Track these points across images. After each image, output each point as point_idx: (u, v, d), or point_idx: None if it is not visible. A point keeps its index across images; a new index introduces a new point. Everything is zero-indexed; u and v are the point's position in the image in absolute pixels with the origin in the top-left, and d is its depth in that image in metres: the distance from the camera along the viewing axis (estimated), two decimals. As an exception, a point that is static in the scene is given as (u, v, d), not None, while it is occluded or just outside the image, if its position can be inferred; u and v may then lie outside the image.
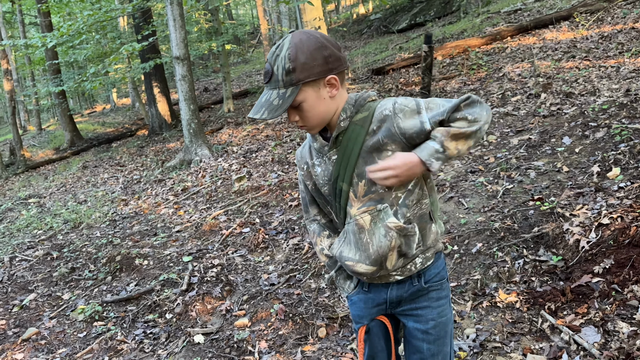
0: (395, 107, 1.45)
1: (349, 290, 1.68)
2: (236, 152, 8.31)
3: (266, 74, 1.45)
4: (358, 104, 1.51)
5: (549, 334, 2.63)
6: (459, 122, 1.42)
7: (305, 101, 1.44)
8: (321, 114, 1.47)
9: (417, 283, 1.60)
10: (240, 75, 21.70)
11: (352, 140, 1.49)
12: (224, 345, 3.20)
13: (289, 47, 1.41)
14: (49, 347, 3.66)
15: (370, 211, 1.51)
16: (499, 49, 8.99)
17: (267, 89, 1.46)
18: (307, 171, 1.64)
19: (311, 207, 1.74)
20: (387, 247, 1.50)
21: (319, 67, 1.42)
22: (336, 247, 1.61)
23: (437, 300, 1.62)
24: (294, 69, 1.40)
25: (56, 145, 16.49)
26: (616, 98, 5.14)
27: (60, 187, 10.08)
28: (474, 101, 1.43)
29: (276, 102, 1.42)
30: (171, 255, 4.75)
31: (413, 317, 1.63)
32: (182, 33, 8.36)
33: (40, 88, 15.61)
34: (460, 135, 1.42)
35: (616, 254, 2.89)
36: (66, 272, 4.88)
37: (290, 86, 1.41)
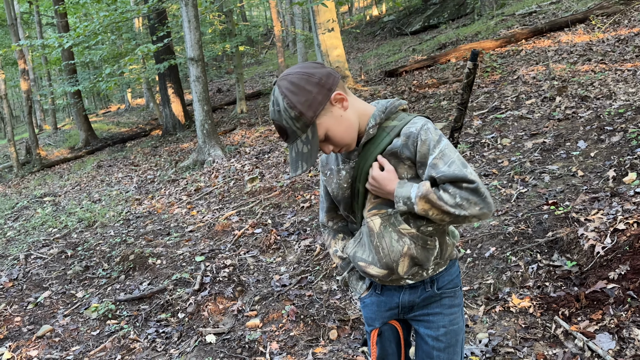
0: (422, 129, 1.43)
1: (361, 291, 1.69)
2: (249, 153, 8.34)
3: (280, 132, 1.45)
4: (389, 111, 1.51)
5: (563, 340, 2.60)
6: (446, 194, 1.38)
7: (328, 130, 1.45)
8: (348, 130, 1.47)
9: (429, 289, 1.59)
10: (254, 76, 21.78)
11: (376, 145, 1.50)
12: (235, 345, 3.22)
13: (283, 98, 1.40)
14: (62, 344, 3.71)
15: (380, 214, 1.51)
16: (513, 51, 8.93)
17: (289, 145, 1.47)
18: (329, 177, 1.64)
19: (328, 212, 1.76)
20: (399, 252, 1.50)
21: (319, 95, 1.41)
22: (350, 248, 1.63)
23: (450, 308, 1.61)
24: (301, 112, 1.39)
25: (71, 144, 16.68)
26: (633, 102, 5.07)
27: (75, 186, 10.19)
28: (475, 190, 1.36)
29: (306, 150, 1.43)
30: (184, 255, 4.78)
31: (424, 323, 1.63)
32: (197, 34, 8.42)
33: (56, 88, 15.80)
34: (436, 206, 1.39)
35: (632, 260, 2.86)
36: (80, 270, 4.93)
37: (308, 128, 1.42)
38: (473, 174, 1.37)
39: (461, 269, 3.40)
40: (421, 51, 12.82)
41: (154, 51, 9.93)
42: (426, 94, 8.16)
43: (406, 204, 1.43)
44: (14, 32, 14.84)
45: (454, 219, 1.40)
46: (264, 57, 27.39)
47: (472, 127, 5.95)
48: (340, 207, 1.68)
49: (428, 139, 1.41)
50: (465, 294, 3.16)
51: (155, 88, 16.84)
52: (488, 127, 5.82)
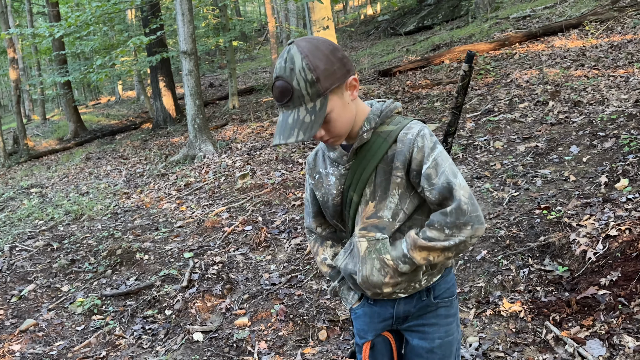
0: (419, 136, 1.38)
1: (352, 301, 1.60)
2: (240, 149, 8.28)
3: (284, 93, 1.30)
4: (384, 115, 1.44)
5: (553, 345, 2.59)
6: (433, 231, 1.35)
7: (333, 111, 1.34)
8: (348, 121, 1.39)
9: (425, 298, 1.52)
10: (247, 72, 21.68)
11: (372, 152, 1.42)
12: (223, 344, 3.18)
13: (302, 57, 1.28)
14: (46, 339, 3.64)
15: (368, 237, 1.45)
16: (507, 54, 8.95)
17: (287, 109, 1.33)
18: (318, 181, 1.56)
19: (315, 218, 1.66)
20: (380, 282, 1.45)
21: (339, 71, 1.33)
22: (341, 259, 1.56)
23: (446, 318, 1.55)
24: (318, 78, 1.28)
25: (60, 135, 16.49)
26: (625, 108, 5.09)
27: (63, 177, 10.07)
28: (461, 211, 1.32)
29: (308, 119, 1.30)
30: (172, 251, 4.72)
31: (419, 334, 1.56)
32: (190, 28, 8.33)
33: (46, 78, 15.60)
34: (430, 249, 1.36)
35: (623, 266, 2.86)
36: (66, 263, 4.85)
37: (318, 98, 1.30)
38: (461, 185, 1.35)
39: (452, 272, 3.38)
40: (415, 52, 12.82)
41: (146, 43, 9.82)
42: (420, 95, 8.16)
43: (406, 262, 1.41)
44: (4, 20, 14.62)
45: (456, 250, 1.37)
46: (257, 52, 27.28)
47: (465, 129, 5.94)
48: (327, 214, 1.59)
49: (424, 146, 1.37)
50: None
51: (147, 81, 16.69)
52: (481, 130, 5.82)
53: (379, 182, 1.42)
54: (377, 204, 1.43)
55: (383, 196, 1.43)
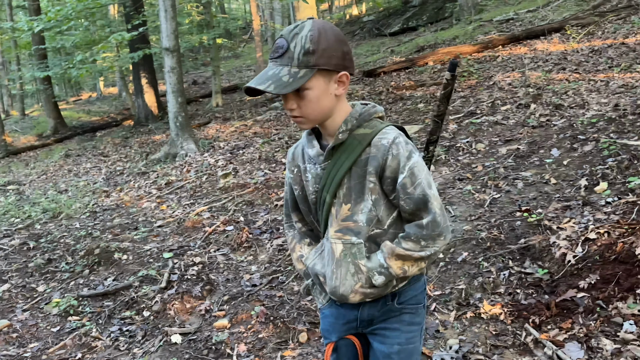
0: (393, 143, 1.39)
1: (323, 301, 1.61)
2: (223, 147, 8.21)
3: (278, 48, 1.35)
4: (362, 118, 1.44)
5: (533, 348, 2.60)
6: (409, 242, 1.40)
7: (312, 89, 1.35)
8: (323, 110, 1.40)
9: (390, 302, 1.51)
10: (231, 70, 21.55)
11: (347, 154, 1.42)
12: (201, 346, 3.13)
13: (310, 29, 1.33)
14: (20, 340, 3.56)
15: (344, 240, 1.45)
16: (490, 57, 9.01)
17: (274, 64, 1.36)
18: (296, 175, 1.57)
19: (293, 212, 1.66)
20: (351, 287, 1.46)
21: (337, 60, 1.36)
22: (311, 259, 1.57)
23: (409, 325, 1.54)
24: (314, 51, 1.32)
25: (39, 131, 16.20)
26: (605, 112, 5.16)
27: (41, 174, 9.89)
28: (436, 224, 1.38)
29: (286, 79, 1.32)
30: (151, 251, 4.65)
31: (380, 337, 1.55)
32: (173, 24, 8.24)
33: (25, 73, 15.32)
34: (406, 258, 1.41)
35: (602, 269, 2.88)
36: (42, 263, 4.75)
37: (305, 68, 1.33)
38: (435, 196, 1.39)
39: (433, 273, 3.38)
40: (399, 53, 12.86)
41: (128, 40, 9.70)
42: (403, 96, 8.17)
43: (382, 273, 1.43)
44: (-18, 13, 14.30)
45: (428, 260, 1.42)
46: (241, 50, 27.13)
47: (448, 131, 5.96)
48: (302, 210, 1.60)
49: (399, 154, 1.38)
50: (436, 299, 3.14)
51: (129, 77, 16.48)
52: (463, 132, 5.84)
53: (353, 184, 1.43)
54: (352, 207, 1.44)
55: (358, 200, 1.43)
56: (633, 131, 4.55)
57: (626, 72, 6.38)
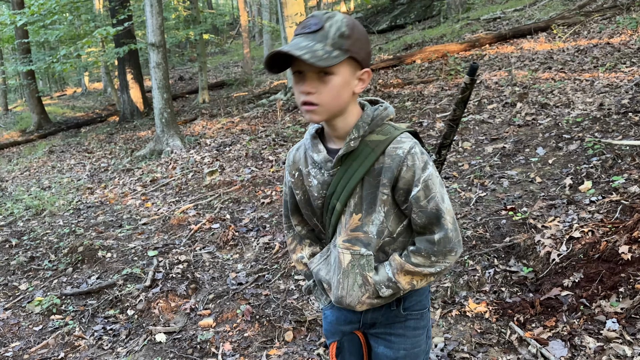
0: (409, 154, 1.33)
1: (325, 302, 1.59)
2: (209, 144, 8.15)
3: (312, 24, 1.27)
4: (374, 123, 1.37)
5: (517, 346, 2.61)
6: (419, 257, 1.36)
7: (338, 75, 1.28)
8: (340, 103, 1.32)
9: (395, 308, 1.49)
10: (217, 65, 21.42)
11: (359, 162, 1.36)
12: (186, 345, 3.10)
13: (344, 17, 1.28)
14: (1, 339, 3.50)
15: (353, 251, 1.41)
16: (477, 55, 9.05)
17: (305, 37, 1.27)
18: (298, 179, 1.50)
19: (293, 215, 1.61)
20: (358, 298, 1.43)
21: (365, 54, 1.32)
22: (315, 263, 1.54)
23: (414, 330, 1.52)
24: (349, 36, 1.27)
25: (22, 127, 15.97)
26: (590, 111, 5.20)
27: (25, 171, 9.74)
28: (448, 240, 1.34)
29: (320, 53, 1.24)
30: (136, 249, 4.60)
31: (385, 342, 1.53)
32: (159, 19, 8.15)
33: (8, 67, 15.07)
34: (415, 273, 1.37)
35: (586, 268, 2.90)
36: (25, 261, 4.68)
37: (339, 50, 1.26)
38: (448, 210, 1.35)
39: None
40: (387, 50, 12.87)
41: (113, 34, 9.58)
42: (391, 94, 8.18)
43: (390, 287, 1.39)
44: (-37, 5, 14.04)
45: (438, 275, 1.39)
46: (229, 46, 26.97)
47: (435, 130, 5.98)
48: (305, 214, 1.55)
49: (414, 166, 1.33)
50: (422, 297, 3.14)
51: (114, 73, 16.30)
52: (457, 130, 5.85)
53: (365, 194, 1.38)
54: (363, 217, 1.39)
55: (369, 210, 1.38)
56: (617, 130, 4.60)
57: (611, 71, 6.44)
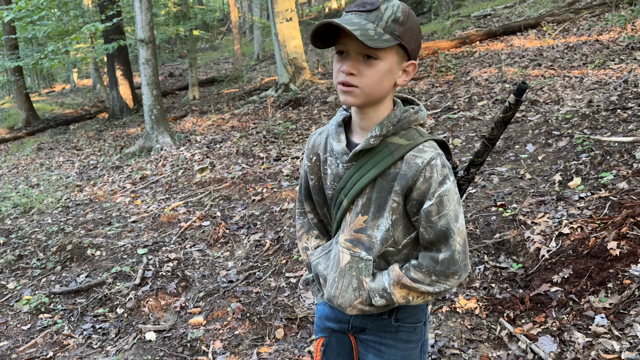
0: (428, 165, 1.26)
1: (320, 299, 1.56)
2: (199, 141, 8.11)
3: (367, 3, 1.22)
4: (400, 125, 1.31)
5: (507, 342, 2.63)
6: (419, 274, 1.30)
7: (384, 61, 1.23)
8: (380, 90, 1.26)
9: (386, 317, 1.43)
10: (208, 62, 21.31)
11: (374, 162, 1.30)
12: (176, 343, 3.09)
13: (401, 4, 1.23)
14: (-12, 339, 3.46)
15: (353, 252, 1.36)
16: (467, 52, 9.07)
17: (358, 16, 1.22)
18: (314, 164, 1.46)
19: (306, 201, 1.56)
20: (350, 301, 1.37)
21: (414, 45, 1.26)
22: (315, 256, 1.50)
23: (406, 343, 1.45)
24: (403, 22, 1.21)
25: (10, 124, 15.79)
26: (579, 108, 5.23)
27: (12, 168, 9.64)
28: (453, 261, 1.28)
29: (372, 33, 1.18)
30: (125, 247, 4.57)
31: (374, 351, 1.47)
32: (148, 15, 8.09)
33: (-5, 63, 14.87)
34: (412, 289, 1.31)
35: (575, 264, 2.92)
36: (13, 259, 4.63)
37: (390, 34, 1.20)
38: (459, 230, 1.28)
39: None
40: (378, 47, 12.86)
41: (102, 30, 9.49)
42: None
43: (383, 297, 1.33)
44: (-51, 1, 13.85)
45: (436, 296, 1.33)
46: (219, 42, 26.85)
47: (425, 127, 5.98)
48: (315, 200, 1.51)
49: (431, 178, 1.26)
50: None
51: (103, 69, 16.17)
52: (441, 127, 5.87)
53: (375, 197, 1.32)
54: (369, 220, 1.34)
55: (377, 214, 1.33)
56: (606, 127, 4.63)
57: (600, 68, 6.48)
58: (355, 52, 1.23)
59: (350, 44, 1.22)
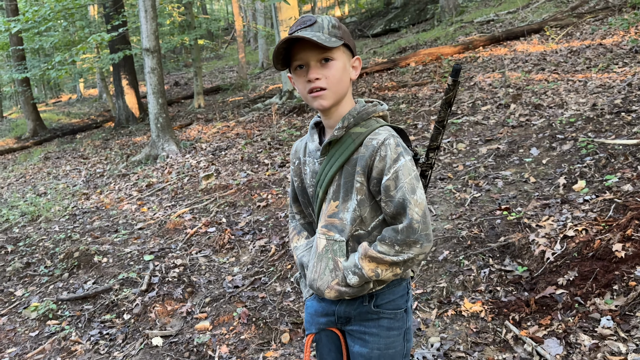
0: (383, 144, 1.39)
1: (306, 294, 1.65)
2: (205, 149, 8.16)
3: (307, 20, 1.39)
4: (359, 116, 1.45)
5: (513, 344, 2.62)
6: (384, 246, 1.39)
7: (338, 60, 1.40)
8: (343, 87, 1.43)
9: (366, 303, 1.51)
10: (213, 70, 21.44)
11: (340, 151, 1.44)
12: (183, 349, 3.10)
13: (331, 16, 1.42)
14: (-3, 346, 3.49)
15: (328, 236, 1.47)
16: (471, 58, 9.10)
17: (304, 31, 1.38)
18: (297, 167, 1.60)
19: (294, 204, 1.70)
20: (327, 283, 1.47)
21: (353, 44, 1.45)
22: (300, 250, 1.61)
23: (388, 330, 1.52)
24: (339, 27, 1.40)
25: (18, 134, 15.93)
26: (583, 112, 5.24)
27: (20, 177, 9.72)
28: (412, 230, 1.36)
29: (323, 38, 1.36)
30: (132, 254, 4.59)
31: (360, 341, 1.55)
32: (154, 25, 8.17)
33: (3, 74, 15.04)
34: (379, 260, 1.39)
35: (580, 266, 2.92)
36: (21, 267, 4.67)
37: (335, 37, 1.38)
38: (417, 201, 1.37)
39: (415, 272, 3.40)
40: (382, 54, 12.92)
41: (107, 40, 9.59)
42: (386, 97, 8.21)
43: (355, 273, 1.42)
44: (-43, 13, 14.02)
45: (403, 266, 1.41)
46: (224, 51, 27.01)
47: (430, 131, 6.00)
48: (301, 202, 1.64)
49: (386, 156, 1.38)
50: (418, 297, 3.15)
51: (109, 79, 16.31)
52: (445, 132, 5.88)
53: (342, 182, 1.44)
54: (339, 204, 1.45)
55: (346, 198, 1.44)
56: (610, 130, 4.63)
57: (604, 72, 6.49)
58: (314, 60, 1.38)
59: (307, 56, 1.38)
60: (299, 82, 1.42)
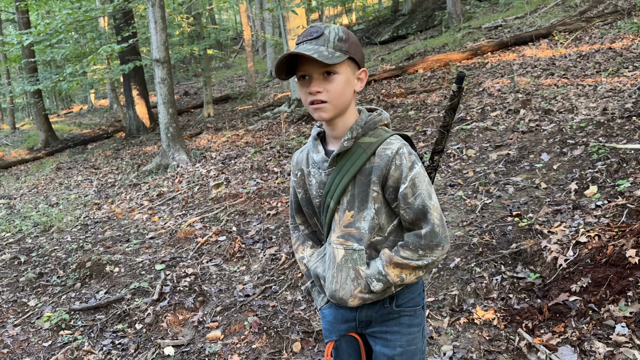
0: (397, 154, 1.42)
1: (322, 303, 1.66)
2: (215, 158, 8.20)
3: (313, 32, 1.41)
4: (367, 127, 1.48)
5: (526, 352, 2.60)
6: (407, 251, 1.43)
7: (341, 74, 1.41)
8: (345, 100, 1.44)
9: (388, 305, 1.55)
10: (222, 80, 21.58)
11: (351, 162, 1.46)
12: (194, 358, 3.11)
13: (338, 26, 1.43)
14: (11, 356, 3.51)
15: (345, 246, 1.49)
16: (479, 64, 9.08)
17: (309, 43, 1.40)
18: (300, 178, 1.61)
19: (297, 215, 1.71)
20: (350, 292, 1.49)
21: (360, 56, 1.45)
22: (313, 261, 1.62)
23: (409, 327, 1.57)
24: (346, 40, 1.41)
25: (30, 145, 16.12)
26: (593, 116, 5.20)
27: (32, 188, 9.82)
28: (432, 233, 1.41)
29: (326, 54, 1.37)
30: (143, 263, 4.62)
31: (382, 341, 1.59)
32: (163, 36, 8.25)
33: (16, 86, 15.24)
34: (404, 266, 1.44)
35: (593, 272, 2.89)
36: (33, 277, 4.71)
37: (340, 51, 1.39)
38: (434, 206, 1.42)
39: (426, 280, 3.38)
40: (390, 61, 12.93)
41: (118, 51, 9.69)
42: (394, 104, 8.21)
43: (380, 280, 1.46)
44: (-29, 27, 14.25)
45: (426, 269, 1.45)
46: (232, 61, 27.19)
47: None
48: (306, 213, 1.65)
49: (402, 165, 1.42)
50: (430, 305, 3.13)
51: (120, 89, 16.47)
52: (454, 138, 5.87)
53: (357, 192, 1.46)
54: (355, 214, 1.47)
55: (361, 207, 1.46)
56: (621, 134, 4.59)
57: (614, 76, 6.45)
58: (317, 73, 1.40)
59: (310, 68, 1.40)
60: (302, 92, 1.45)
